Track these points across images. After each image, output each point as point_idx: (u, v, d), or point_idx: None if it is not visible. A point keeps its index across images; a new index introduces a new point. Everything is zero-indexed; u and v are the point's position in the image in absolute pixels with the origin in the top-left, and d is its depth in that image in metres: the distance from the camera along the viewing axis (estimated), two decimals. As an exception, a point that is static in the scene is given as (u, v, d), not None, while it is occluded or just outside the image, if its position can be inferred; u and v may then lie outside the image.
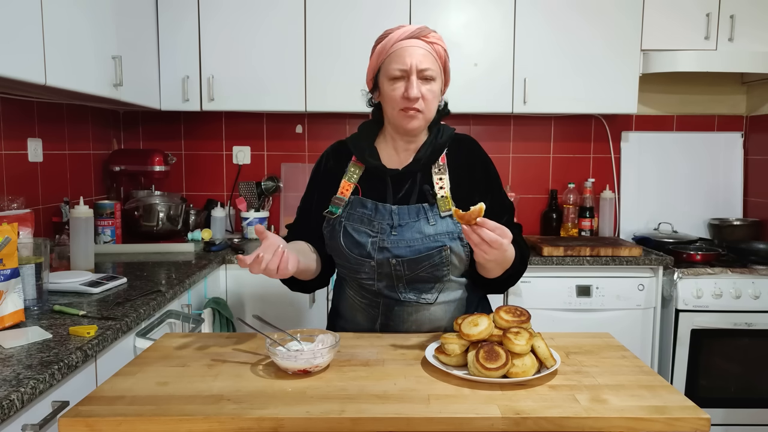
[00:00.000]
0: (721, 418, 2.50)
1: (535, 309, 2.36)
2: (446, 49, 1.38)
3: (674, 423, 0.97)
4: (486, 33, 2.70)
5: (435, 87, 1.35)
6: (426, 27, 1.34)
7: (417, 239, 1.35)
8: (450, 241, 1.36)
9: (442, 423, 0.97)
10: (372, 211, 1.38)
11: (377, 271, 1.38)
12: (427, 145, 1.41)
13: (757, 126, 3.03)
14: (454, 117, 3.06)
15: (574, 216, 3.04)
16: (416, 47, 1.31)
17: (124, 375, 1.13)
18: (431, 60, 1.33)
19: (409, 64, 1.30)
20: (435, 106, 1.38)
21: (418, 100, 1.32)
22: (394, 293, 1.40)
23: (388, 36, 1.35)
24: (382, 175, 1.41)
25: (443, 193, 1.38)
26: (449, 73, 1.42)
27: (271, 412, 0.98)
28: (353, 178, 1.43)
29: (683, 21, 2.70)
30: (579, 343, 1.33)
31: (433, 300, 1.40)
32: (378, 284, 1.39)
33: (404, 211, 1.37)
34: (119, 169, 2.76)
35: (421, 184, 1.40)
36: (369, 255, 1.36)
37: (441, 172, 1.41)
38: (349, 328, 1.48)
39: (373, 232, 1.37)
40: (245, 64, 2.69)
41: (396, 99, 1.33)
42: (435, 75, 1.34)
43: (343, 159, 1.47)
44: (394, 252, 1.35)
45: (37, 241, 1.58)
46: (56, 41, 1.79)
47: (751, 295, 2.45)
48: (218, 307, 2.24)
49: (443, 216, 1.37)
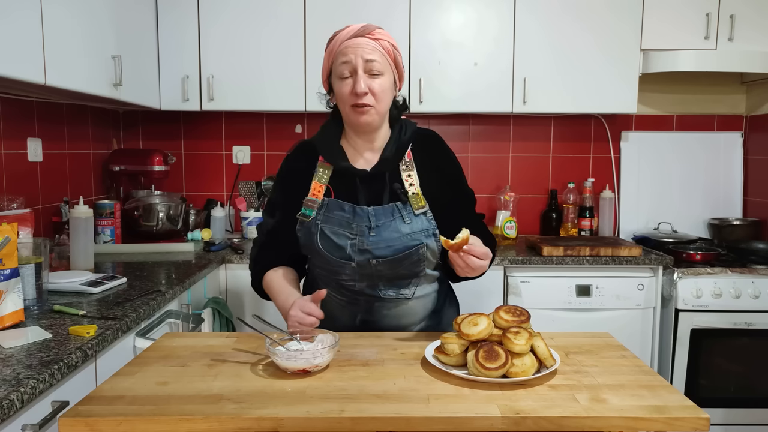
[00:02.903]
0: (721, 418, 2.50)
1: (535, 309, 2.36)
2: (394, 44, 1.39)
3: (674, 423, 0.97)
4: (486, 33, 2.70)
5: (384, 81, 1.36)
6: (371, 24, 1.36)
7: (395, 238, 1.38)
8: (426, 238, 1.40)
9: (441, 423, 0.97)
10: (350, 214, 1.40)
11: (358, 272, 1.40)
12: (392, 143, 1.44)
13: (757, 126, 3.03)
14: (454, 117, 3.06)
15: (574, 216, 3.04)
16: (361, 45, 1.33)
17: (123, 375, 1.13)
18: (378, 54, 1.34)
19: (354, 61, 1.33)
20: (386, 99, 1.39)
21: (367, 94, 1.34)
22: (375, 291, 1.43)
23: (336, 36, 1.37)
24: (351, 177, 1.43)
25: (414, 190, 1.41)
26: (402, 68, 1.42)
27: (271, 411, 0.98)
28: (323, 179, 1.44)
29: (683, 21, 2.70)
30: (579, 343, 1.33)
31: (411, 295, 1.45)
32: (359, 284, 1.42)
33: (380, 212, 1.40)
34: (119, 168, 2.76)
35: (391, 183, 1.42)
36: (349, 257, 1.39)
37: (409, 168, 1.44)
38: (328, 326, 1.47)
39: (352, 234, 1.39)
40: (245, 63, 2.69)
41: (345, 96, 1.35)
42: (383, 69, 1.35)
43: (309, 159, 1.47)
44: (375, 253, 1.38)
45: (36, 241, 1.57)
46: (56, 41, 1.79)
47: (750, 295, 2.45)
48: (218, 306, 2.24)
49: (417, 214, 1.40)
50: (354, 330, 1.44)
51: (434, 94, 2.72)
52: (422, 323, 1.51)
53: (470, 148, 3.12)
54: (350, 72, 1.34)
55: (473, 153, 3.12)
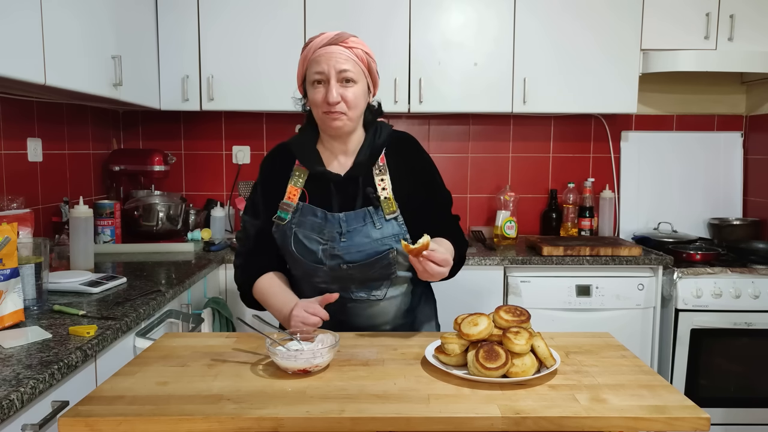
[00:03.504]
0: (721, 418, 2.50)
1: (535, 309, 2.36)
2: (368, 52, 1.41)
3: (674, 422, 0.97)
4: (486, 33, 2.70)
5: (357, 89, 1.38)
6: (345, 33, 1.38)
7: (365, 243, 1.41)
8: (395, 243, 1.43)
9: (441, 423, 0.97)
10: (322, 220, 1.42)
11: (330, 275, 1.44)
12: (366, 147, 1.46)
13: (757, 125, 3.03)
14: (454, 117, 3.06)
15: (574, 216, 3.04)
16: (334, 53, 1.35)
17: (123, 375, 1.13)
18: (351, 63, 1.36)
19: (326, 69, 1.35)
20: (359, 106, 1.40)
21: (339, 103, 1.36)
22: (347, 293, 1.45)
23: (310, 44, 1.39)
24: (326, 182, 1.45)
25: (386, 195, 1.44)
26: (375, 74, 1.45)
27: (271, 411, 0.98)
28: (299, 182, 1.46)
29: (683, 21, 2.70)
30: (579, 343, 1.33)
31: (382, 296, 1.48)
32: (331, 286, 1.44)
33: (351, 217, 1.42)
34: (119, 168, 2.76)
35: (364, 187, 1.44)
36: (321, 261, 1.42)
37: (382, 173, 1.46)
38: None
39: (324, 240, 1.42)
40: (245, 63, 2.69)
41: (318, 102, 1.37)
42: (355, 77, 1.37)
43: (286, 163, 1.49)
44: (345, 258, 1.41)
45: (36, 241, 1.57)
46: (56, 41, 1.79)
47: (750, 295, 2.45)
48: (218, 306, 2.24)
49: (388, 219, 1.43)
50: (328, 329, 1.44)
51: (434, 94, 2.71)
52: (394, 323, 1.53)
53: (470, 148, 3.12)
54: (323, 78, 1.36)
55: (473, 153, 3.12)
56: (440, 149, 3.08)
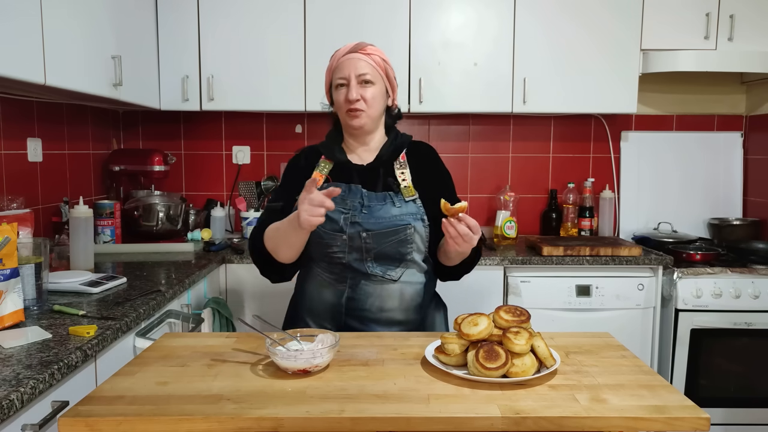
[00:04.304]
0: (721, 418, 2.50)
1: (535, 309, 2.36)
2: (385, 59, 1.56)
3: (674, 422, 0.97)
4: (485, 33, 2.70)
5: (375, 89, 1.52)
6: (363, 42, 1.55)
7: (385, 218, 1.50)
8: (414, 221, 1.50)
9: (441, 423, 0.97)
10: (345, 191, 1.52)
11: (348, 244, 1.49)
12: (388, 144, 1.58)
13: (757, 126, 3.03)
14: (454, 117, 3.06)
15: (574, 216, 3.04)
16: (354, 59, 1.51)
17: (123, 375, 1.13)
18: (369, 67, 1.51)
19: (347, 74, 1.50)
20: (377, 105, 1.53)
21: (359, 101, 1.50)
22: (362, 266, 1.50)
23: (334, 54, 1.56)
24: (349, 170, 1.56)
25: (406, 184, 1.55)
26: (393, 79, 1.59)
27: (271, 411, 0.98)
28: (324, 170, 1.57)
29: (683, 21, 2.70)
30: (579, 343, 1.33)
31: (397, 277, 1.52)
32: (348, 257, 1.50)
33: (373, 196, 1.52)
34: (119, 168, 2.76)
35: (385, 177, 1.56)
36: (341, 229, 1.49)
37: (402, 167, 1.58)
38: (314, 306, 1.57)
39: (345, 209, 1.50)
40: (245, 63, 2.69)
41: (341, 102, 1.52)
42: (373, 79, 1.52)
43: (312, 159, 1.62)
44: (364, 226, 1.48)
45: (36, 241, 1.57)
46: (56, 41, 1.79)
47: (750, 295, 2.45)
48: (218, 306, 2.24)
49: (407, 201, 1.52)
50: (340, 309, 1.53)
51: (434, 94, 2.71)
52: (406, 314, 1.54)
53: (470, 148, 3.12)
54: (344, 82, 1.51)
55: (473, 153, 3.12)
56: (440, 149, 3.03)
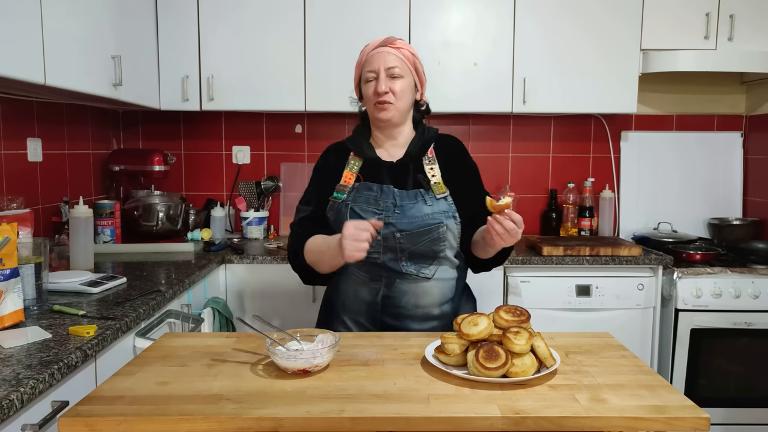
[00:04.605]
0: (721, 418, 2.50)
1: (535, 309, 2.36)
2: (414, 53, 1.59)
3: (674, 422, 0.97)
4: (485, 33, 2.70)
5: (404, 82, 1.54)
6: (392, 36, 1.57)
7: (417, 216, 1.51)
8: (446, 219, 1.53)
9: (441, 423, 0.97)
10: (377, 193, 1.54)
11: (383, 245, 1.51)
12: (416, 140, 1.61)
13: (757, 125, 3.03)
14: (454, 117, 3.06)
15: (574, 216, 3.04)
16: (383, 53, 1.54)
17: (123, 375, 1.13)
18: (398, 61, 1.54)
19: (376, 67, 1.53)
20: (405, 98, 1.55)
21: (387, 93, 1.52)
22: (397, 266, 1.53)
23: (363, 49, 1.59)
24: (378, 167, 1.58)
25: (436, 180, 1.56)
26: (422, 74, 1.62)
27: (271, 411, 0.98)
28: (354, 168, 1.59)
29: (683, 21, 2.70)
30: (579, 343, 1.33)
31: (431, 275, 1.54)
32: (383, 257, 1.52)
33: (404, 194, 1.54)
34: (119, 168, 2.76)
35: (415, 173, 1.57)
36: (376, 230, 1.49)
37: (431, 162, 1.59)
38: (349, 303, 1.60)
39: (379, 210, 1.53)
40: (245, 63, 2.69)
41: (370, 96, 1.55)
42: (402, 72, 1.54)
43: (342, 155, 1.63)
44: (398, 226, 1.51)
45: (36, 241, 1.57)
46: (56, 41, 1.79)
47: (750, 295, 2.45)
48: (218, 306, 2.24)
49: (438, 198, 1.54)
50: (376, 307, 1.55)
51: (434, 94, 2.68)
52: (440, 309, 1.57)
53: (470, 148, 3.04)
54: (374, 75, 1.53)
55: (473, 153, 3.02)
56: (440, 149, 3.08)
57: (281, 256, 2.45)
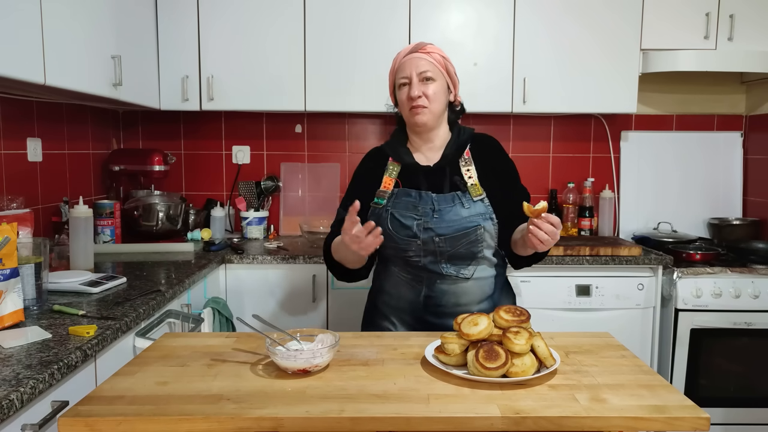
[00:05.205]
0: (721, 418, 2.50)
1: (535, 308, 2.36)
2: (444, 56, 1.61)
3: (674, 422, 0.97)
4: (485, 33, 2.70)
5: (436, 86, 1.58)
6: (423, 42, 1.61)
7: (455, 220, 1.56)
8: (483, 221, 1.57)
9: (441, 423, 0.97)
10: (416, 199, 1.59)
11: (423, 249, 1.57)
12: (452, 143, 1.64)
13: (757, 125, 3.03)
14: (454, 117, 3.06)
15: (574, 215, 3.04)
16: (414, 58, 1.58)
17: (123, 375, 1.13)
18: (430, 65, 1.57)
19: (409, 73, 1.57)
20: (439, 101, 1.59)
21: (420, 97, 1.55)
22: (437, 268, 1.58)
23: (396, 56, 1.63)
24: (416, 172, 1.63)
25: (472, 182, 1.60)
26: (454, 76, 1.64)
27: (271, 411, 0.98)
28: (393, 174, 1.65)
29: (683, 20, 2.70)
30: (578, 343, 1.33)
31: (470, 275, 1.60)
32: (423, 260, 1.58)
33: (442, 198, 1.58)
34: (119, 168, 2.76)
35: (452, 176, 1.62)
36: (415, 235, 1.57)
37: (467, 164, 1.63)
38: (393, 303, 1.67)
39: (418, 215, 1.57)
40: (245, 63, 2.68)
41: (404, 101, 1.59)
42: (434, 76, 1.57)
43: (380, 160, 1.69)
44: (437, 231, 1.56)
45: (36, 241, 1.57)
46: (56, 41, 1.79)
47: (750, 295, 2.45)
48: (218, 306, 2.24)
49: (475, 200, 1.58)
50: (418, 306, 1.62)
51: (434, 94, 2.71)
52: (479, 306, 1.62)
53: (470, 147, 3.11)
54: (407, 81, 1.58)
55: (473, 153, 3.11)
56: (440, 149, 3.08)
57: (281, 256, 2.45)
